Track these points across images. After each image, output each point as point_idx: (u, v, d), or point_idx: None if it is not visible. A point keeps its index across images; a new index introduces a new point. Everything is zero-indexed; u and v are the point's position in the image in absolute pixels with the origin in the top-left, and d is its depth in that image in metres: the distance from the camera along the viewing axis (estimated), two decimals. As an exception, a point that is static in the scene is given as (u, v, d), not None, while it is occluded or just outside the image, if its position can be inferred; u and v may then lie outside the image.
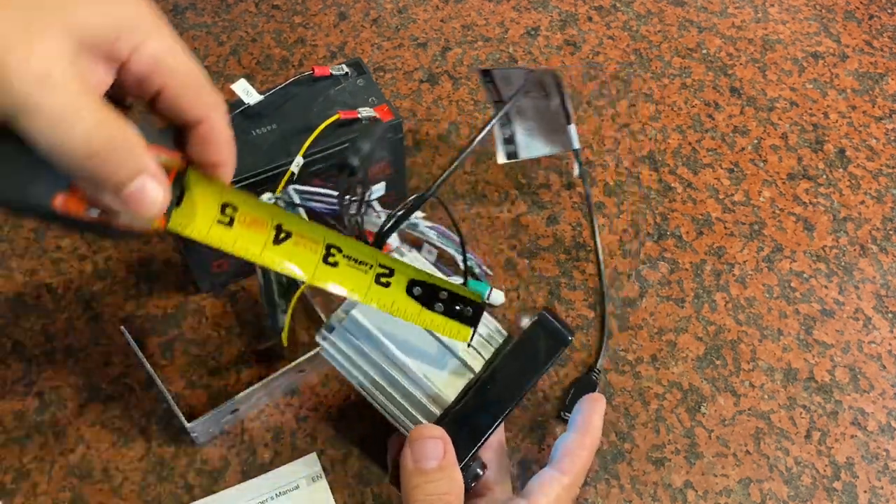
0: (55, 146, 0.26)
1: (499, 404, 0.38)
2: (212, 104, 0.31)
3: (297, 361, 0.48)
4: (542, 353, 0.39)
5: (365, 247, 0.36)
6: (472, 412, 0.38)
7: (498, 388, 0.38)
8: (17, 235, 0.57)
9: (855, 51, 0.72)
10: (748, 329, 0.54)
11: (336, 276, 0.35)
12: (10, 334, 0.52)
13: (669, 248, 0.58)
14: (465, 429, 0.37)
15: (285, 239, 0.34)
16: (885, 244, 0.59)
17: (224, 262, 0.52)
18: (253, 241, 0.34)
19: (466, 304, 0.37)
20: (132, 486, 0.46)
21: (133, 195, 0.28)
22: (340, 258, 0.35)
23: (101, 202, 0.28)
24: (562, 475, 0.39)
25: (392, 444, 0.45)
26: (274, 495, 0.46)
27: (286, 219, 0.34)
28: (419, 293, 0.37)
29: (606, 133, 0.65)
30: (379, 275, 0.36)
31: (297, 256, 0.35)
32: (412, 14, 0.73)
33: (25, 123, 0.25)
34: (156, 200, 0.28)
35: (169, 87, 0.30)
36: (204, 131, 0.31)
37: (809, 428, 0.50)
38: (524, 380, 0.38)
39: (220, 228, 0.33)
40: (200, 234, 0.33)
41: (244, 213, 0.33)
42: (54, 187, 0.27)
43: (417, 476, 0.36)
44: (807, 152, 0.64)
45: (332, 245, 0.35)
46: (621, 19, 0.74)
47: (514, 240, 0.58)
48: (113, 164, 0.27)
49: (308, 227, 0.35)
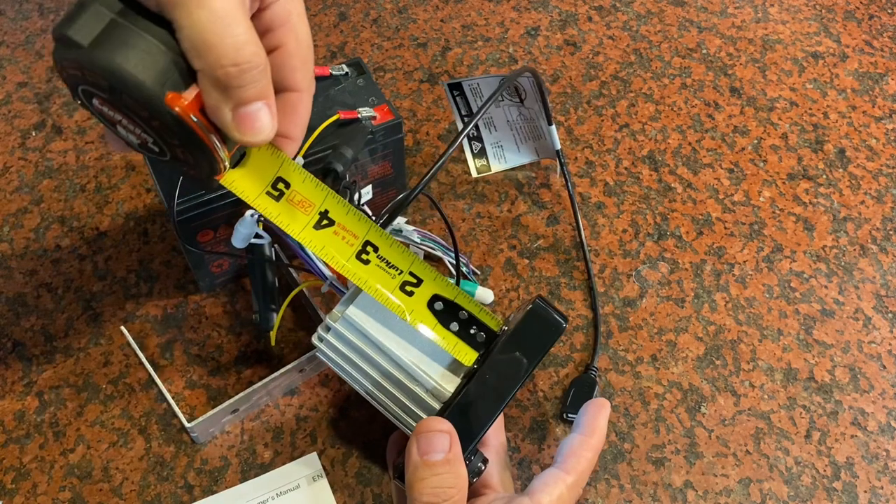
0: (208, 43, 0.27)
1: (498, 394, 0.38)
2: (309, 79, 0.33)
3: (297, 361, 0.48)
4: (537, 341, 0.39)
5: (404, 252, 0.37)
6: (472, 404, 0.37)
7: (496, 378, 0.38)
8: (17, 235, 0.57)
9: (855, 51, 0.72)
10: (748, 329, 0.54)
11: (363, 273, 0.36)
12: (10, 334, 0.52)
13: (669, 248, 0.58)
14: (466, 420, 0.37)
15: (327, 226, 0.35)
16: (885, 244, 0.59)
17: (224, 261, 0.52)
18: (295, 219, 0.35)
19: (482, 330, 0.38)
20: (132, 486, 0.46)
21: (249, 116, 0.29)
22: (374, 257, 0.36)
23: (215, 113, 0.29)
24: (566, 475, 0.39)
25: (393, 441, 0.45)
26: (275, 495, 0.46)
27: (335, 207, 0.35)
28: (440, 308, 0.37)
29: (606, 133, 0.65)
30: (405, 282, 0.37)
31: (333, 246, 0.36)
32: (412, 14, 0.73)
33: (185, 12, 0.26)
34: (264, 128, 0.29)
35: (287, 47, 0.31)
36: (292, 101, 0.33)
37: (809, 428, 0.50)
38: (521, 368, 0.38)
39: (267, 199, 0.34)
40: (249, 199, 0.34)
41: (294, 192, 0.34)
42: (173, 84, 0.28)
43: (423, 469, 0.36)
44: (807, 152, 0.64)
45: (369, 243, 0.36)
46: (621, 19, 0.74)
47: (514, 240, 0.58)
48: (248, 79, 0.28)
49: (352, 221, 0.36)
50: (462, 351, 0.38)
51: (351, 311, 0.39)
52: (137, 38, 0.27)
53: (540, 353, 0.39)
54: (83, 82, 0.28)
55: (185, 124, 0.28)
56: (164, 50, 0.27)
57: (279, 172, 0.34)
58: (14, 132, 0.63)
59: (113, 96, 0.28)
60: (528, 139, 0.60)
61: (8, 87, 0.67)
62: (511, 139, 0.60)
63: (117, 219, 0.58)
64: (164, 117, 0.28)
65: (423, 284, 0.37)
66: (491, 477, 0.42)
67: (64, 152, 0.62)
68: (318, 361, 0.50)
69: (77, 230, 0.57)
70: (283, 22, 0.31)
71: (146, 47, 0.27)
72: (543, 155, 0.60)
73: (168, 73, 0.27)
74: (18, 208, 0.59)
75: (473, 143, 0.60)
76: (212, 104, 0.28)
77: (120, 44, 0.27)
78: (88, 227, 0.58)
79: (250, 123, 0.29)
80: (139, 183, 0.60)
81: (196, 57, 0.27)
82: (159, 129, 0.29)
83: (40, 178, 0.60)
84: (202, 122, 0.29)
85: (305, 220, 0.35)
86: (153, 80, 0.27)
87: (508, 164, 0.61)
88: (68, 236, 0.57)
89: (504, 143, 0.60)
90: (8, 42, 0.70)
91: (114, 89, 0.27)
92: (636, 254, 0.58)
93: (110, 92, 0.27)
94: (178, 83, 0.28)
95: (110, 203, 0.59)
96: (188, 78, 0.28)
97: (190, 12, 0.26)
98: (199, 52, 0.27)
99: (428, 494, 0.35)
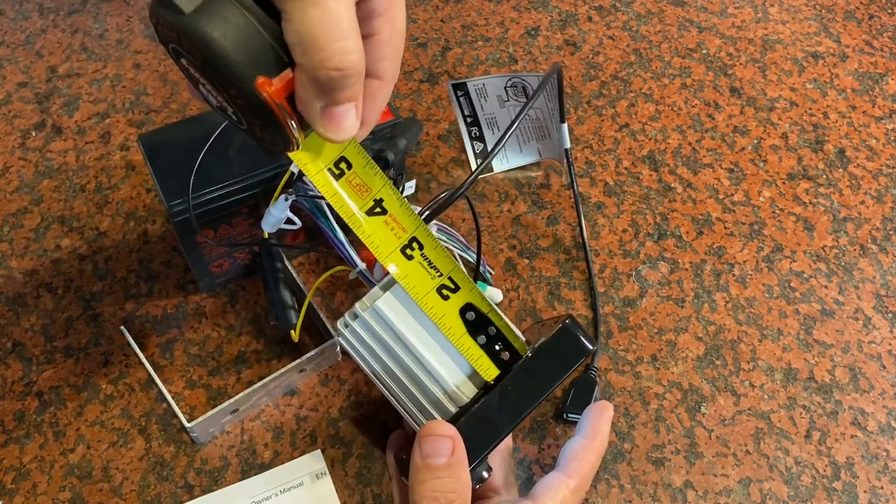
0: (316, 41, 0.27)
1: (515, 409, 0.38)
2: (395, 69, 0.33)
3: (297, 361, 0.48)
4: (562, 362, 0.39)
5: (448, 257, 0.37)
6: (488, 414, 0.37)
7: (516, 392, 0.37)
8: (17, 235, 0.57)
9: (855, 51, 0.72)
10: (748, 329, 0.54)
11: (404, 268, 0.36)
12: (10, 334, 0.52)
13: (669, 248, 0.58)
14: (480, 430, 0.37)
15: (379, 214, 0.36)
16: (885, 244, 0.59)
17: (224, 261, 0.52)
18: (349, 200, 0.35)
19: (507, 349, 0.38)
20: (132, 486, 0.46)
21: (337, 115, 0.29)
22: (417, 254, 0.36)
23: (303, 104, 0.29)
24: (568, 478, 0.39)
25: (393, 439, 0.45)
26: (278, 492, 0.46)
27: (389, 197, 0.35)
28: (471, 319, 0.37)
29: (606, 133, 0.65)
30: (443, 286, 0.37)
31: (381, 234, 0.36)
32: (412, 14, 0.73)
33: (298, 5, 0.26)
34: (348, 129, 0.30)
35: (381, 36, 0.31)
36: (374, 88, 0.33)
37: (809, 428, 0.50)
38: (541, 387, 0.38)
39: (326, 176, 0.34)
40: (310, 172, 0.34)
41: (354, 174, 0.35)
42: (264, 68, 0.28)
43: (425, 472, 0.36)
44: (807, 152, 0.64)
45: (416, 239, 0.36)
46: (621, 19, 0.74)
47: (514, 240, 0.58)
48: (346, 83, 0.28)
49: (404, 214, 0.36)
50: (484, 365, 0.38)
51: (381, 303, 0.38)
52: (240, 16, 0.27)
53: (564, 372, 0.38)
54: (176, 44, 0.28)
55: (269, 108, 0.28)
56: (264, 33, 0.27)
57: (343, 152, 0.34)
58: (14, 132, 0.63)
59: (205, 66, 0.28)
60: (532, 139, 0.59)
61: (8, 87, 0.67)
62: (514, 140, 0.60)
63: (117, 219, 0.58)
64: (250, 98, 0.28)
65: (460, 292, 0.37)
66: (495, 479, 0.42)
67: (64, 152, 0.62)
68: (318, 361, 0.50)
69: (77, 230, 0.57)
70: (384, 10, 0.31)
71: (246, 27, 0.27)
72: (546, 155, 0.60)
73: (262, 57, 0.27)
74: (18, 208, 0.59)
75: (476, 144, 0.60)
76: (304, 97, 0.28)
77: (221, 18, 0.27)
78: (88, 227, 0.58)
79: (337, 123, 0.29)
80: (139, 183, 0.60)
81: (301, 52, 0.27)
82: (243, 107, 0.29)
83: (40, 178, 0.60)
84: (286, 107, 0.29)
85: (360, 203, 0.35)
86: (246, 61, 0.27)
87: (511, 164, 0.61)
88: (68, 236, 0.57)
89: (507, 144, 0.60)
90: (8, 42, 0.70)
91: (206, 60, 0.27)
92: (636, 254, 0.58)
93: (202, 62, 0.27)
94: (271, 68, 0.28)
95: (110, 203, 0.59)
96: (281, 64, 0.28)
97: (304, 7, 0.26)
98: (304, 49, 0.27)
99: (428, 498, 0.35)
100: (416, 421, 0.39)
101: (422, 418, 0.39)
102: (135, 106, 0.65)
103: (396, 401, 0.40)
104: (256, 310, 0.53)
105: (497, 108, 0.58)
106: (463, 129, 0.59)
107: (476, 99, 0.57)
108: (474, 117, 0.59)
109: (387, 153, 0.45)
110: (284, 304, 0.49)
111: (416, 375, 0.39)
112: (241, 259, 0.53)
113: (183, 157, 0.48)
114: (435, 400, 0.38)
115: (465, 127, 0.59)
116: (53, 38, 0.70)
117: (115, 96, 0.66)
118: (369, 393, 0.50)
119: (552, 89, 0.54)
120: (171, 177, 0.47)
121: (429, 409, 0.39)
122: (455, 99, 0.57)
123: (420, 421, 0.39)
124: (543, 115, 0.57)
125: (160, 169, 0.47)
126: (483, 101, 0.57)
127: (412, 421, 0.40)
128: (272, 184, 0.48)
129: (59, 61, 0.69)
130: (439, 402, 0.38)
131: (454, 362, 0.39)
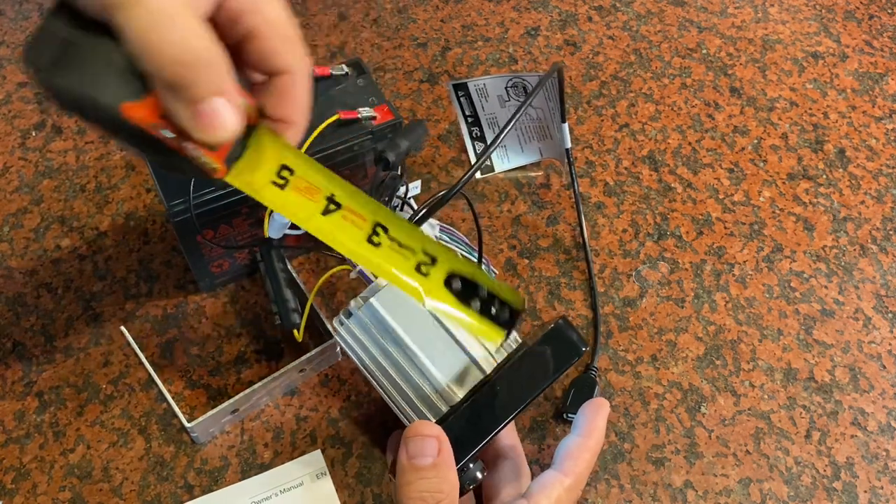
0: (149, 44, 0.25)
1: (504, 409, 0.38)
2: (298, 58, 0.31)
3: (297, 361, 0.48)
4: (553, 362, 0.39)
5: (414, 230, 0.34)
6: (477, 414, 0.37)
7: (506, 392, 0.37)
8: (17, 235, 0.57)
9: (855, 51, 0.72)
10: (748, 329, 0.54)
11: (376, 257, 0.34)
12: (10, 334, 0.52)
13: (669, 248, 0.58)
14: (468, 430, 0.37)
15: (334, 211, 0.33)
16: (885, 244, 0.59)
17: (224, 261, 0.52)
18: (302, 207, 0.33)
19: (503, 307, 0.35)
20: (132, 486, 0.46)
21: (207, 113, 0.27)
22: (385, 239, 0.34)
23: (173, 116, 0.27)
24: (564, 476, 0.39)
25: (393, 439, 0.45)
26: (278, 492, 0.46)
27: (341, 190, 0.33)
28: (458, 287, 0.35)
29: (606, 133, 0.65)
30: (420, 263, 0.34)
31: (342, 231, 0.33)
32: (412, 14, 0.73)
33: (125, 16, 0.25)
34: (226, 125, 0.28)
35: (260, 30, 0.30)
36: (284, 84, 0.31)
37: (809, 428, 0.50)
38: (532, 387, 0.38)
39: (272, 189, 0.32)
40: (254, 191, 0.32)
41: (300, 178, 0.32)
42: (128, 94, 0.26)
43: (411, 472, 0.36)
44: (807, 152, 0.64)
45: (379, 224, 0.34)
46: (621, 19, 0.74)
47: (514, 240, 0.58)
48: (198, 75, 0.26)
49: (359, 203, 0.33)
50: (486, 331, 0.35)
51: (375, 300, 0.38)
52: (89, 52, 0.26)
53: (555, 372, 0.38)
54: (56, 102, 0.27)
55: (146, 132, 0.27)
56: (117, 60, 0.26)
57: (282, 160, 0.32)
58: (14, 132, 0.63)
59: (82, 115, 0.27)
60: (533, 139, 0.59)
61: (8, 87, 0.67)
62: (515, 139, 0.60)
63: (117, 219, 0.58)
64: (124, 128, 0.27)
65: (438, 262, 0.34)
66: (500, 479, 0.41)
67: (64, 152, 0.62)
68: (319, 361, 0.50)
69: (77, 230, 0.57)
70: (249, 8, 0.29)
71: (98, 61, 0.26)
72: (548, 155, 0.60)
73: (123, 84, 0.26)
74: (18, 208, 0.59)
75: (477, 144, 0.60)
76: (168, 107, 0.27)
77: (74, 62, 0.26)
78: (88, 227, 0.58)
79: (208, 121, 0.27)
80: (139, 183, 0.60)
81: (141, 60, 0.26)
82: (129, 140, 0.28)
83: (40, 178, 0.60)
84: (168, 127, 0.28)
85: (313, 207, 0.33)
86: (107, 94, 0.26)
87: (512, 164, 0.61)
88: (68, 236, 0.57)
89: (508, 143, 0.60)
90: (8, 42, 0.70)
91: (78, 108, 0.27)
92: (636, 254, 0.58)
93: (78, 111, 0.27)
94: (135, 92, 0.27)
95: (110, 203, 0.59)
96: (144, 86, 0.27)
97: (128, 14, 0.25)
98: (142, 55, 0.26)
99: (415, 499, 0.35)
100: (408, 417, 0.40)
101: (412, 415, 0.39)
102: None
103: (390, 398, 0.40)
104: (256, 310, 0.53)
105: (498, 108, 0.58)
106: (464, 128, 0.59)
107: (477, 99, 0.57)
108: (475, 117, 0.59)
109: (387, 154, 0.45)
110: (288, 303, 0.49)
111: (408, 374, 0.39)
112: (241, 259, 0.53)
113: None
114: (425, 397, 0.38)
115: (465, 127, 0.59)
116: (53, 38, 0.70)
117: (115, 96, 0.66)
118: (369, 393, 0.50)
119: (552, 88, 0.54)
120: (171, 177, 0.47)
121: (420, 407, 0.39)
122: (456, 99, 0.57)
123: (411, 417, 0.39)
124: (544, 115, 0.57)
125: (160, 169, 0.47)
126: (484, 101, 0.57)
127: (404, 419, 0.40)
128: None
129: (59, 61, 0.69)
130: (430, 400, 0.38)
131: (447, 361, 0.38)
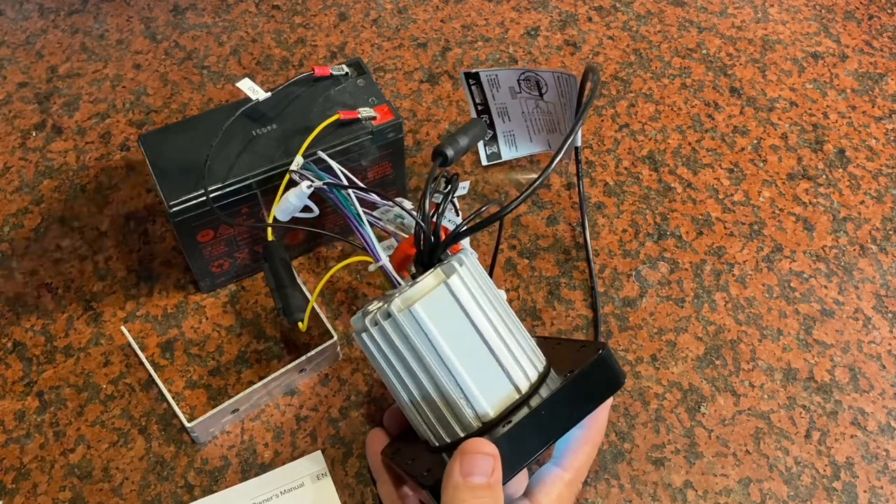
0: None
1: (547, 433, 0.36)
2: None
3: (297, 361, 0.48)
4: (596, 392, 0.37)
5: None
6: (521, 436, 0.36)
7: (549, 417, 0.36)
8: (18, 235, 0.57)
9: (855, 51, 0.72)
10: (748, 329, 0.54)
11: None
12: (10, 334, 0.52)
13: (669, 248, 0.58)
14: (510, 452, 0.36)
15: None
16: (885, 244, 0.59)
17: (224, 261, 0.52)
18: None
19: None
20: (132, 486, 0.47)
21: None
22: None
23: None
24: (563, 472, 0.39)
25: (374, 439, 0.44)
26: (279, 493, 0.46)
27: None
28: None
29: (606, 133, 0.65)
30: None
31: None
32: (412, 14, 0.73)
33: None
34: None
35: None
36: None
37: (809, 428, 0.50)
38: (575, 415, 0.37)
39: None
40: None
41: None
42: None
43: (465, 491, 0.34)
44: (807, 152, 0.64)
45: None
46: (621, 19, 0.74)
47: (513, 240, 0.58)
48: None
49: None
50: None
51: (420, 307, 0.36)
52: None
53: (597, 402, 0.37)
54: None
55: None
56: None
57: None
58: (14, 132, 0.63)
59: None
60: (542, 130, 0.60)
61: (8, 87, 0.67)
62: (524, 129, 0.60)
63: (117, 219, 0.58)
64: None
65: None
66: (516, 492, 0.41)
67: (64, 152, 0.62)
68: (319, 361, 0.50)
69: (77, 230, 0.57)
70: None
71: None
72: (555, 147, 0.60)
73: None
74: (18, 208, 0.59)
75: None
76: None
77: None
78: (88, 227, 0.58)
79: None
80: (139, 183, 0.60)
81: None
82: None
83: (40, 178, 0.60)
84: None
85: None
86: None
87: (520, 152, 0.61)
88: (68, 236, 0.57)
89: (517, 133, 0.60)
90: (8, 42, 0.70)
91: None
92: (636, 254, 0.58)
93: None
94: None
95: (110, 203, 0.59)
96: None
97: None
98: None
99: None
100: (434, 432, 0.38)
101: (440, 431, 0.37)
102: (135, 106, 0.65)
103: (416, 410, 0.38)
104: (256, 310, 0.54)
105: (509, 99, 0.58)
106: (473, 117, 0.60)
107: (488, 88, 0.57)
108: (485, 106, 0.59)
109: (446, 149, 0.44)
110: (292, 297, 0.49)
111: (445, 388, 0.37)
112: (241, 259, 0.53)
113: (183, 157, 0.48)
114: (460, 414, 0.37)
115: (475, 115, 0.60)
116: (54, 39, 0.70)
117: (115, 96, 0.66)
118: (369, 393, 0.50)
119: (568, 87, 0.54)
120: (171, 177, 0.47)
121: (451, 422, 0.37)
122: (467, 88, 0.57)
123: (438, 433, 0.38)
124: (555, 109, 0.57)
125: (160, 169, 0.47)
126: (495, 91, 0.57)
127: (429, 432, 0.38)
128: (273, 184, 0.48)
129: (59, 61, 0.69)
130: (466, 419, 0.37)
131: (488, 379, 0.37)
